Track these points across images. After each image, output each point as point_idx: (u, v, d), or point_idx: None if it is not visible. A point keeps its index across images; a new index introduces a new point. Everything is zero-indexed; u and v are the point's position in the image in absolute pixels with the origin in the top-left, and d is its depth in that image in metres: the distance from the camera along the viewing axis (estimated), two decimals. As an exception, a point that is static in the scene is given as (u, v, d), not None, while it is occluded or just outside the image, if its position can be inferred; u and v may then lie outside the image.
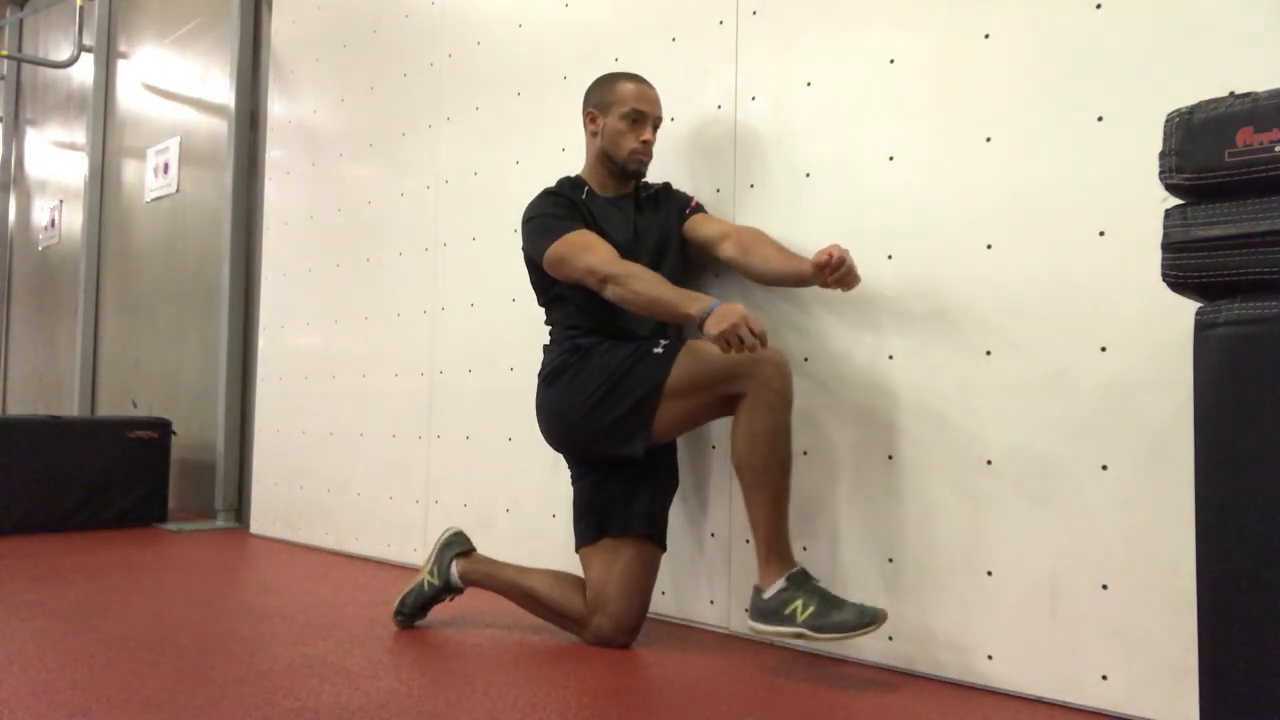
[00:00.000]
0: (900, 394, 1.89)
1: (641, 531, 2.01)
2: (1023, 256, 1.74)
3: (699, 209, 2.18)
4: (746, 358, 1.76)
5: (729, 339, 1.67)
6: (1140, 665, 1.55)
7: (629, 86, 2.12)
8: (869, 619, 1.64)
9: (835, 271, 1.78)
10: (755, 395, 1.77)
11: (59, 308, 5.98)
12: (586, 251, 1.96)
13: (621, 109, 2.09)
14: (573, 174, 2.21)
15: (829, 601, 1.69)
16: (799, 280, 1.92)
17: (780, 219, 2.11)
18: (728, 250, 2.05)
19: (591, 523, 2.04)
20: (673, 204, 2.18)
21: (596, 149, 2.15)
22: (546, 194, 2.12)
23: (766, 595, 1.75)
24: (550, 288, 2.11)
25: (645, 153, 2.12)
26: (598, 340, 2.03)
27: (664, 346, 1.92)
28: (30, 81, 6.75)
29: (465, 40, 2.97)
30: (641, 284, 1.87)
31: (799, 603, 1.70)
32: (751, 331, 1.67)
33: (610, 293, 1.91)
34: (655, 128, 2.14)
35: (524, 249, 2.12)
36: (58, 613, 2.21)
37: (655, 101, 2.14)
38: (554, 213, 2.06)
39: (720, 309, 1.71)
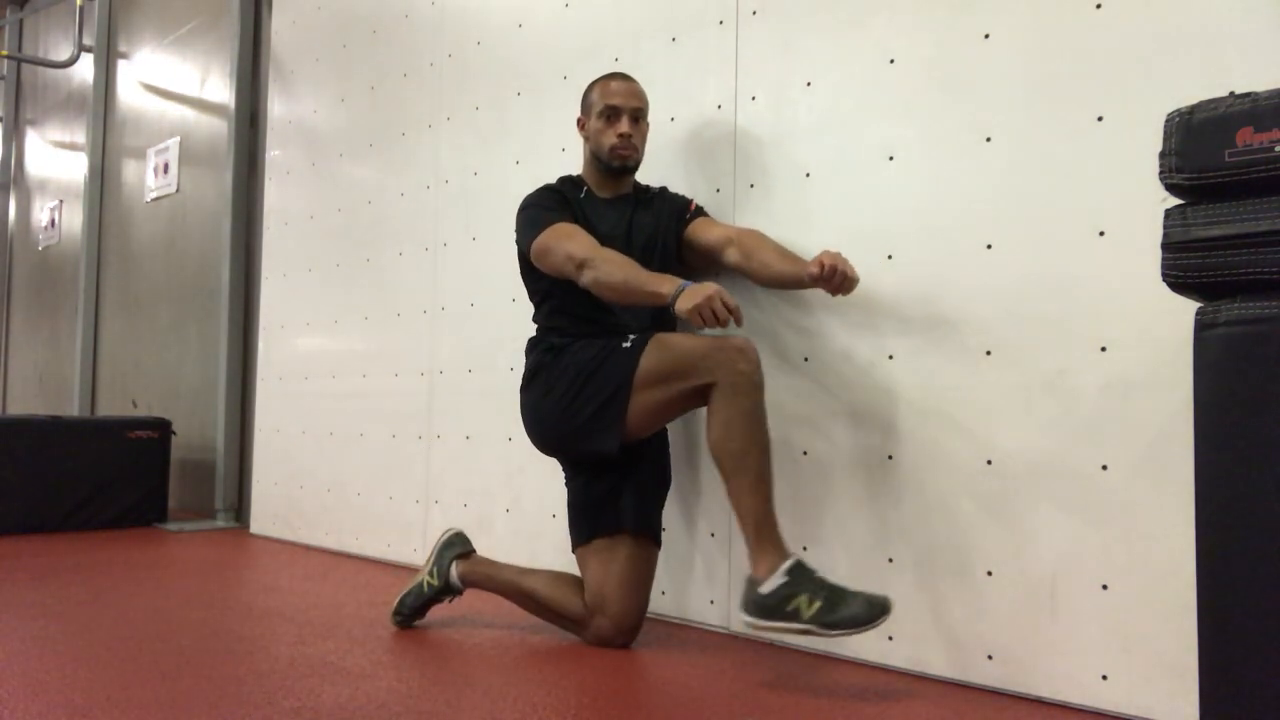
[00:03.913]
0: (900, 394, 1.89)
1: (632, 529, 2.00)
2: (1023, 256, 1.74)
3: (699, 213, 2.17)
4: (712, 345, 1.76)
5: (702, 313, 1.68)
6: (1140, 665, 1.55)
7: (601, 85, 2.14)
8: (878, 610, 1.56)
9: (830, 281, 1.78)
10: (725, 381, 1.74)
11: (59, 308, 5.98)
12: (568, 240, 1.97)
13: (597, 108, 2.12)
14: (574, 173, 2.22)
15: (835, 594, 1.60)
16: (799, 285, 1.93)
17: (780, 219, 2.11)
18: (731, 257, 2.05)
19: (584, 523, 2.04)
20: (668, 206, 2.18)
21: (587, 152, 2.18)
22: (543, 188, 2.14)
23: (765, 590, 1.65)
24: (537, 283, 2.12)
25: (625, 146, 2.09)
26: (572, 339, 2.04)
27: (632, 340, 1.91)
28: (30, 81, 6.75)
29: (465, 40, 2.97)
30: (614, 266, 1.87)
31: (803, 598, 1.61)
32: (727, 306, 1.68)
33: (586, 277, 1.90)
34: (637, 119, 2.12)
35: (516, 241, 2.13)
36: (58, 613, 2.21)
37: (630, 93, 2.12)
38: (544, 204, 2.08)
39: (692, 287, 1.72)
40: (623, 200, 2.16)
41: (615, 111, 2.09)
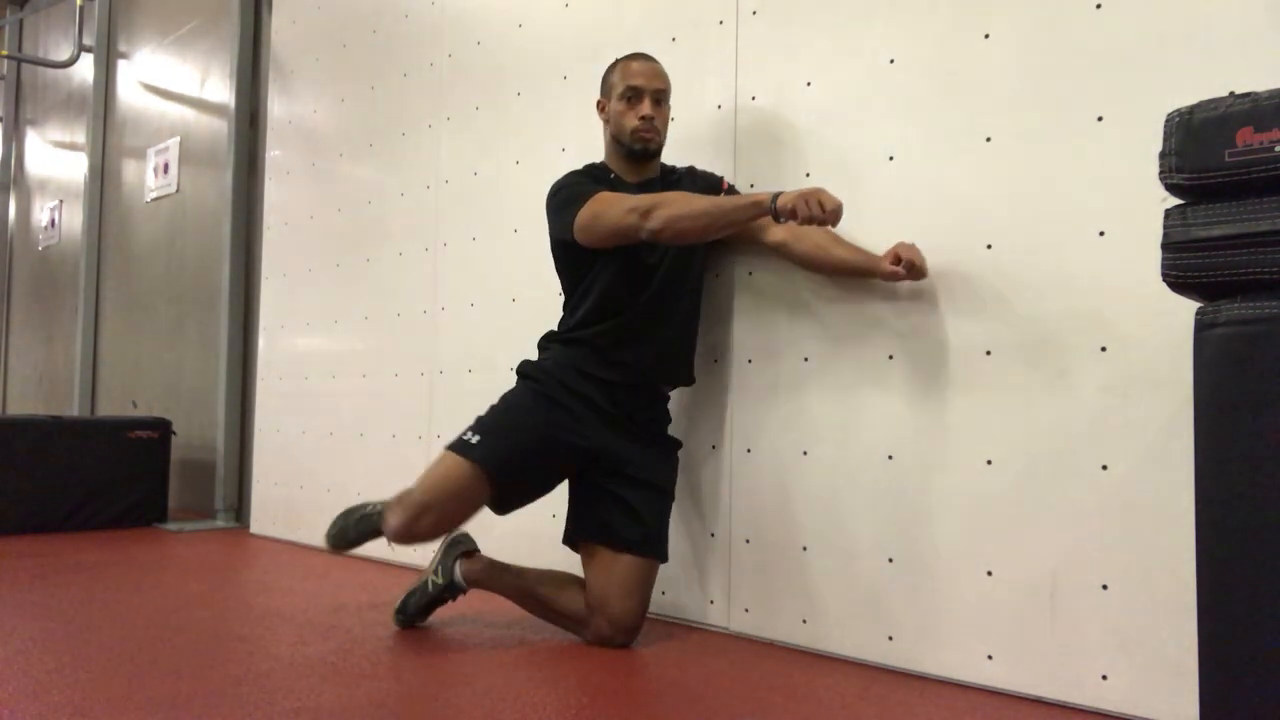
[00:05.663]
0: (900, 394, 1.89)
1: (623, 549, 1.98)
2: (1023, 256, 1.74)
3: (733, 191, 2.13)
4: (431, 484, 1.97)
5: (808, 201, 1.70)
6: (1140, 665, 1.55)
7: (623, 66, 2.10)
8: (332, 538, 2.14)
9: (908, 274, 1.79)
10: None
11: (59, 308, 5.98)
12: (620, 199, 1.94)
13: (618, 89, 2.08)
14: (597, 161, 2.19)
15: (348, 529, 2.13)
16: (866, 272, 1.89)
17: (780, 219, 2.10)
18: (777, 235, 1.99)
19: (569, 523, 2.07)
20: (700, 184, 2.12)
21: (609, 136, 2.14)
22: (571, 172, 2.11)
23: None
24: (578, 271, 2.07)
25: (647, 128, 2.05)
26: (562, 352, 2.07)
27: (476, 440, 1.99)
28: (30, 81, 6.75)
29: (465, 40, 2.97)
30: (689, 198, 1.89)
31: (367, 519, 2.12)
32: (822, 205, 1.70)
33: (658, 219, 1.84)
34: (659, 101, 2.08)
35: (551, 231, 2.08)
36: (58, 613, 2.21)
37: (653, 74, 2.08)
38: (579, 182, 2.05)
39: (789, 190, 1.76)
40: (650, 184, 2.11)
41: (637, 93, 2.05)
